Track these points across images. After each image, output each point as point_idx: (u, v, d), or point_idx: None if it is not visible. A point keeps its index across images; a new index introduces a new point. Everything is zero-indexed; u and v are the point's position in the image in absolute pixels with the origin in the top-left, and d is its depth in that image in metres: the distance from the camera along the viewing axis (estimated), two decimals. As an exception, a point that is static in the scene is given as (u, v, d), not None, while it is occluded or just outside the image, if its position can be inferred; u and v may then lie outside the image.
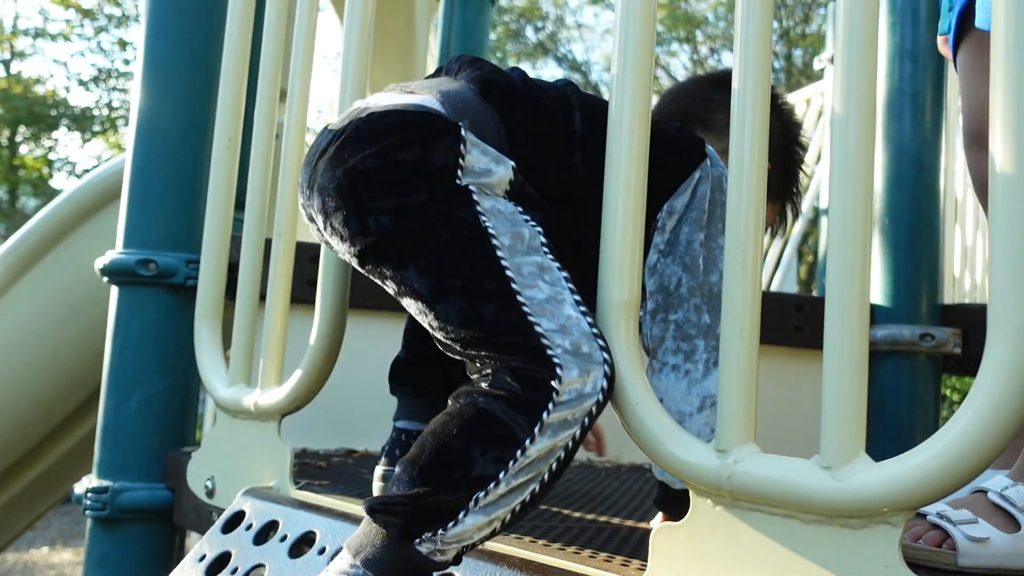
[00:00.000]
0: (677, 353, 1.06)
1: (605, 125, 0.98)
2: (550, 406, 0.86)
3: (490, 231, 0.95)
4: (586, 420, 0.89)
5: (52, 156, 13.00)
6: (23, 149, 12.90)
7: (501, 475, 0.86)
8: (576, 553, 1.00)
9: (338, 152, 1.00)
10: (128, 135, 1.77)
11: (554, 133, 1.08)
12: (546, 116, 1.09)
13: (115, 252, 1.68)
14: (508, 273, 0.93)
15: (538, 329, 0.89)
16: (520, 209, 0.99)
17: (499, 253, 0.94)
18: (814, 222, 4.94)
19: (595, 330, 0.91)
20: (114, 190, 2.30)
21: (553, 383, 0.86)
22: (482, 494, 0.86)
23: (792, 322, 2.16)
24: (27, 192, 12.86)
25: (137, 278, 1.64)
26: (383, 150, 0.98)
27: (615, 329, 0.94)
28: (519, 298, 0.91)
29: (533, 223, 0.98)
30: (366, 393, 1.85)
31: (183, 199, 1.71)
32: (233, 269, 1.51)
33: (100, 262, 1.68)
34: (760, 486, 0.81)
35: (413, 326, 1.31)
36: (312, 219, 1.04)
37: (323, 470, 1.54)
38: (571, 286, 0.94)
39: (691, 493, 0.86)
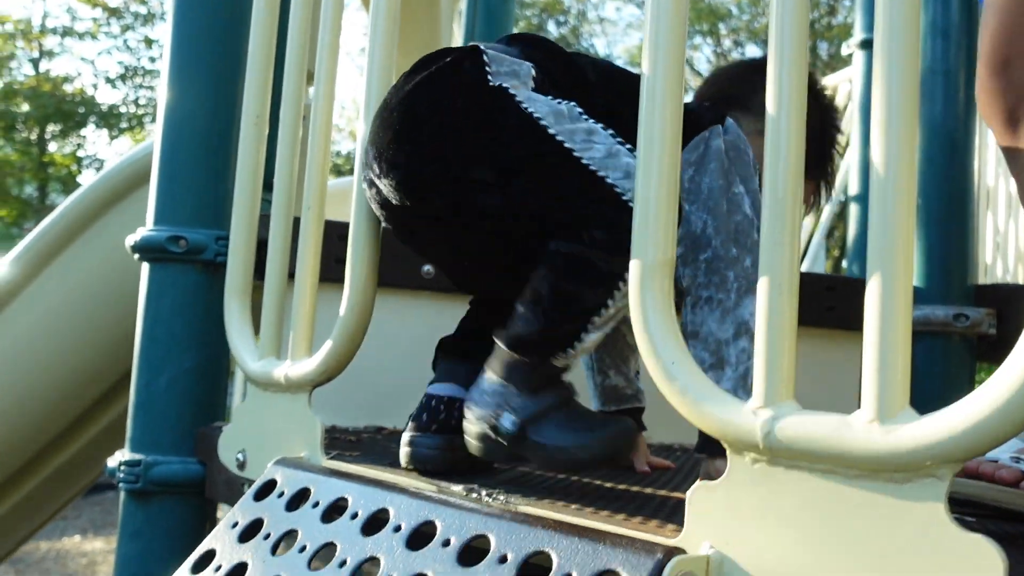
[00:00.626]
0: (709, 286, 1.14)
1: (615, 73, 1.25)
2: None
3: (534, 114, 1.08)
4: None
5: (80, 153, 13.16)
6: (52, 146, 13.07)
7: (610, 302, 1.07)
8: (609, 517, 0.99)
9: (395, 91, 1.19)
10: (157, 115, 1.77)
11: (571, 76, 1.24)
12: (564, 60, 1.26)
13: (145, 229, 1.69)
14: (566, 145, 1.06)
15: (608, 181, 1.04)
16: (550, 96, 1.13)
17: (550, 131, 1.07)
18: (840, 215, 4.86)
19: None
20: (142, 174, 2.32)
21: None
22: (597, 318, 1.07)
23: (823, 303, 2.14)
24: (56, 189, 13.02)
25: (167, 255, 1.65)
26: (424, 78, 1.15)
27: (650, 289, 0.93)
28: (582, 161, 1.05)
29: (566, 101, 1.11)
30: (394, 372, 1.85)
31: (212, 177, 1.71)
32: (261, 248, 1.52)
33: (131, 239, 1.69)
34: (801, 442, 0.79)
35: (468, 319, 1.37)
36: (375, 141, 1.18)
37: (353, 443, 1.54)
38: (620, 139, 1.07)
39: (728, 452, 0.85)
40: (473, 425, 1.12)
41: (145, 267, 1.71)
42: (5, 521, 2.75)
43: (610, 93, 1.21)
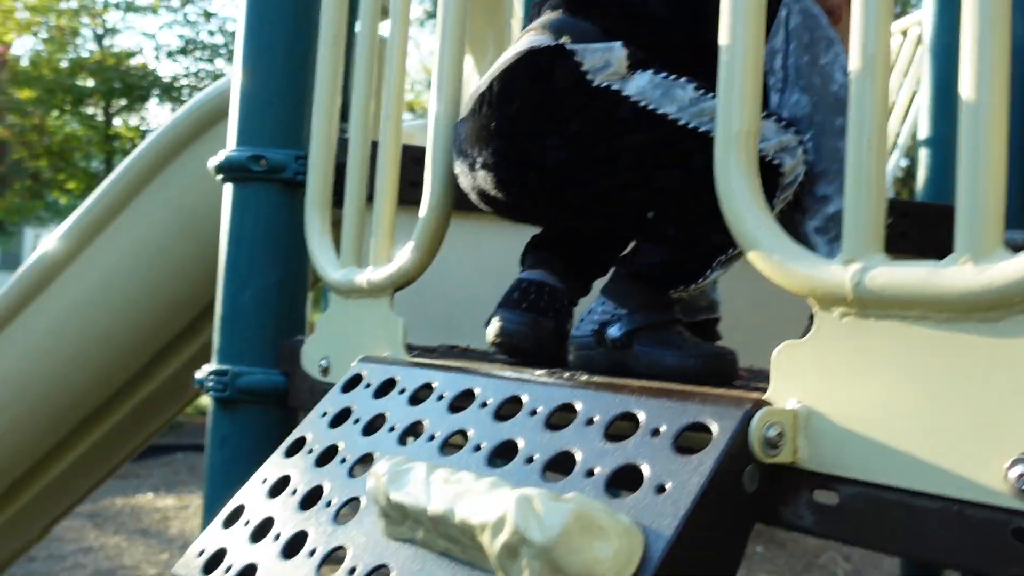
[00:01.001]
0: (822, 160, 1.17)
1: None
2: (779, 192, 1.13)
3: (655, 110, 1.08)
4: (795, 183, 1.15)
5: (144, 127, 13.45)
6: (117, 120, 13.39)
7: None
8: (694, 387, 1.00)
9: (489, 115, 1.15)
10: (236, 37, 1.82)
11: (647, 27, 1.20)
12: (635, 8, 1.21)
13: (227, 150, 1.75)
14: (699, 129, 1.08)
15: None
16: (652, 71, 1.11)
17: (680, 122, 1.08)
18: (904, 181, 4.73)
19: (783, 123, 1.13)
20: (220, 111, 2.38)
21: (779, 180, 1.12)
22: (723, 256, 1.13)
23: (896, 228, 2.10)
24: (121, 161, 13.31)
25: (249, 174, 1.70)
26: (525, 102, 1.12)
27: (735, 158, 0.94)
28: None
29: (674, 76, 1.10)
30: (467, 295, 1.89)
31: (290, 98, 1.75)
32: (339, 171, 1.56)
33: (213, 161, 1.75)
34: (891, 290, 0.80)
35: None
36: (486, 163, 1.17)
37: (430, 352, 1.58)
38: None
39: (816, 308, 0.86)
40: (578, 335, 1.16)
41: (228, 187, 1.76)
42: (87, 458, 2.86)
43: (684, 20, 1.20)
